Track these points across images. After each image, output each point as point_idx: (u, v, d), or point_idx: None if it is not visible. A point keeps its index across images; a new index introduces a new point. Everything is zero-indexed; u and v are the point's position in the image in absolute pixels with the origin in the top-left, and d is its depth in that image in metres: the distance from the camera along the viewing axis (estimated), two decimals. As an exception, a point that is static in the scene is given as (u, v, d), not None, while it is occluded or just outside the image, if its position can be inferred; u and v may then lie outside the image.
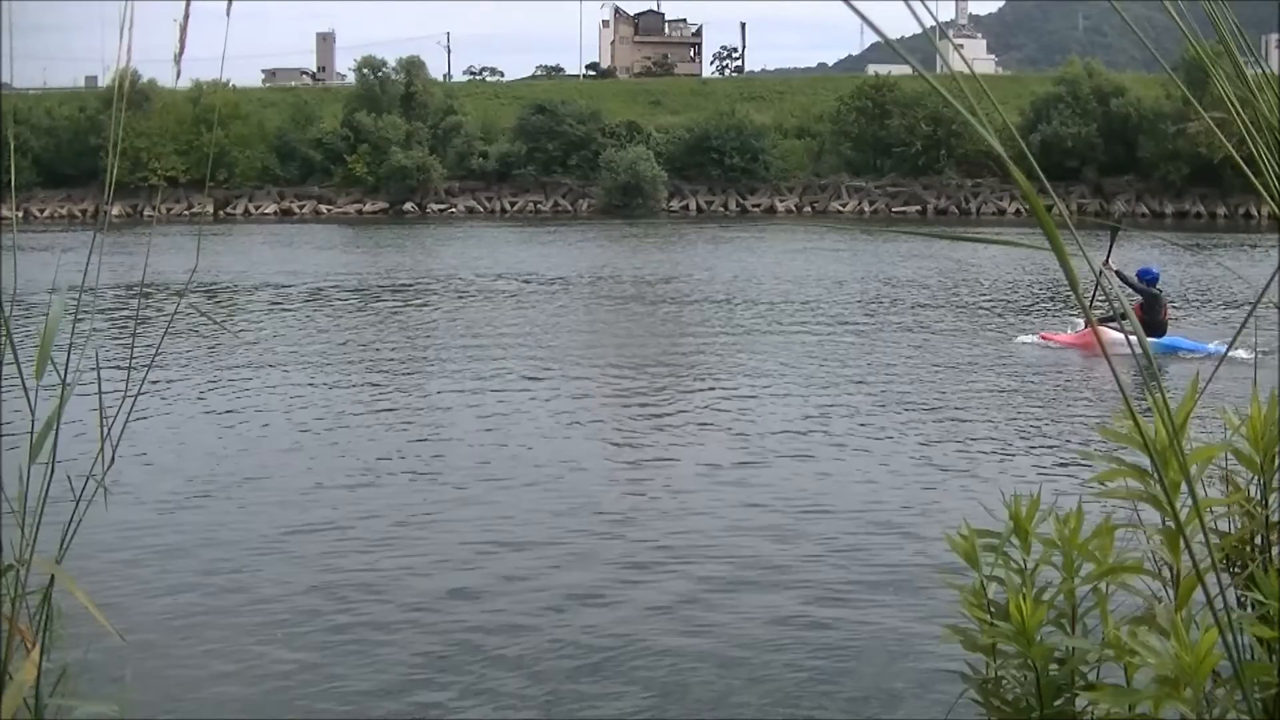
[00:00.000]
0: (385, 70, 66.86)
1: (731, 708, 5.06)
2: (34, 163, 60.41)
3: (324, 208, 63.43)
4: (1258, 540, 2.50)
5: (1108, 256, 15.44)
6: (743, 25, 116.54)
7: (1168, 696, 1.90)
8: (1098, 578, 2.34)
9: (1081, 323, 15.31)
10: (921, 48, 1.61)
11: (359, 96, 66.05)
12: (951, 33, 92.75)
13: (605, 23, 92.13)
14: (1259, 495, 2.47)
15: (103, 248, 2.61)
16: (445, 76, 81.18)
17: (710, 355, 14.93)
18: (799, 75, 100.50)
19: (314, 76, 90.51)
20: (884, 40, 1.40)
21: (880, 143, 62.56)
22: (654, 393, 12.61)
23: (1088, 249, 1.49)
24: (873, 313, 19.50)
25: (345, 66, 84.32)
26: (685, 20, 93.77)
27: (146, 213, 56.64)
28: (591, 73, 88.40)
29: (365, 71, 67.24)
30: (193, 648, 5.69)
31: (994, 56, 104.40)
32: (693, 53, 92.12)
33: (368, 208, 63.20)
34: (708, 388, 12.78)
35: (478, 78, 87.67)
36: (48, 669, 2.29)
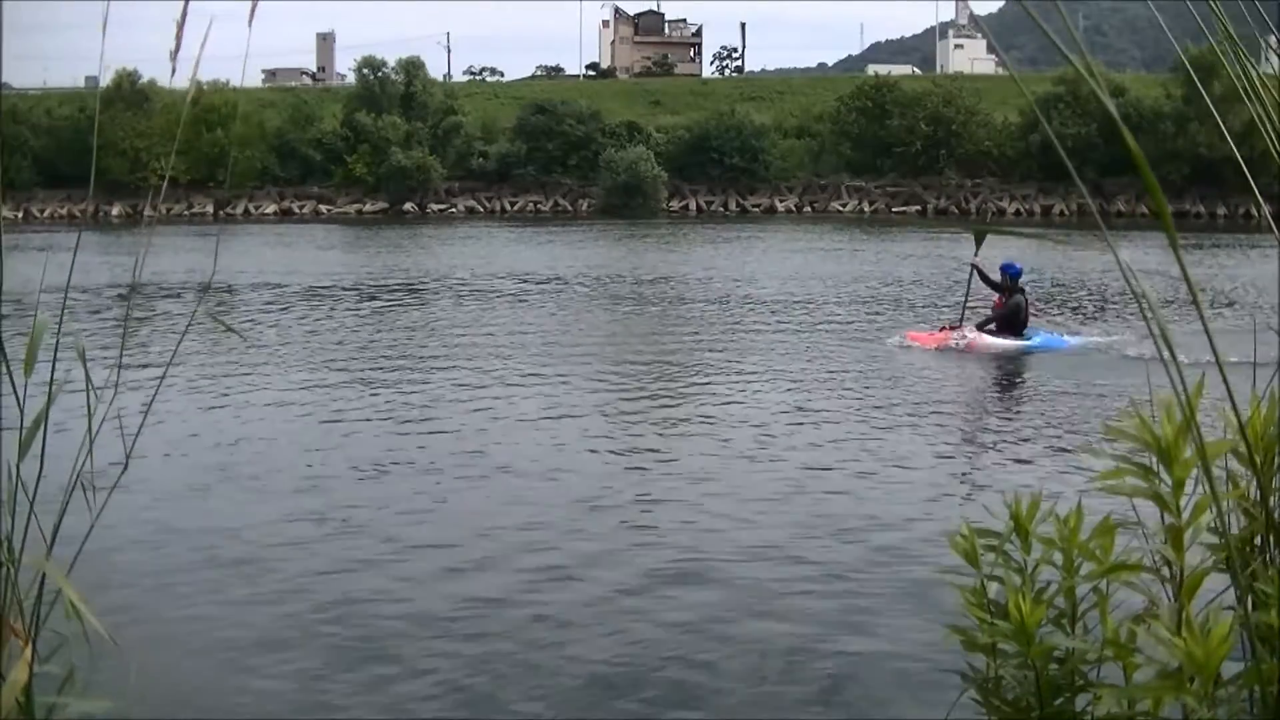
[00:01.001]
0: (385, 70, 66.93)
1: (729, 709, 5.05)
2: (34, 163, 60.39)
3: (324, 208, 63.46)
4: (1257, 541, 2.49)
5: (976, 251, 15.60)
6: (743, 25, 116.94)
7: (1172, 690, 1.89)
8: (1098, 577, 2.33)
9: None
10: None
11: (359, 96, 66.11)
12: (952, 33, 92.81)
13: (605, 23, 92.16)
14: (1257, 496, 2.46)
15: (89, 247, 2.61)
16: (445, 76, 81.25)
17: (710, 355, 14.92)
18: (799, 75, 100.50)
19: (314, 76, 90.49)
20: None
21: (880, 143, 62.60)
22: (654, 393, 12.61)
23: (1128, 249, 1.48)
24: (873, 312, 19.50)
25: (345, 66, 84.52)
26: (685, 20, 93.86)
27: (146, 213, 56.66)
28: (591, 73, 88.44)
29: (365, 71, 67.32)
30: (192, 647, 5.68)
31: (994, 57, 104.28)
32: (693, 53, 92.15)
33: (368, 208, 63.23)
34: (708, 387, 12.77)
35: (478, 78, 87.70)
36: (43, 668, 2.27)
